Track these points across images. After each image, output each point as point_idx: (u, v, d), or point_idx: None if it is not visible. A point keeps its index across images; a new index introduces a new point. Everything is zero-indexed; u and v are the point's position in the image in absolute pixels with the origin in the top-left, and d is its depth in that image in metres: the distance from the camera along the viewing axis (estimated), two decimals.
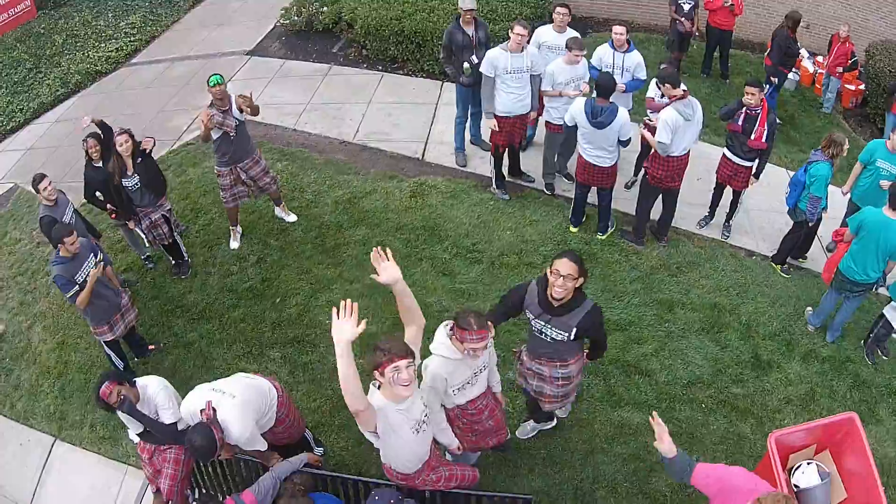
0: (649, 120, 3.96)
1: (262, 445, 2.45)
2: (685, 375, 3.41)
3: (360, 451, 3.20)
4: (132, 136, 3.69)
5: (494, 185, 4.44)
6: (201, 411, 2.34)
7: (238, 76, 6.34)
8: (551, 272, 2.35)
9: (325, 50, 6.32)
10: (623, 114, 3.54)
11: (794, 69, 5.52)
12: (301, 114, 5.47)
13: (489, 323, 2.26)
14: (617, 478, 3.05)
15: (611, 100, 3.57)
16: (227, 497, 2.36)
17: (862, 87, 5.55)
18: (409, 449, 2.19)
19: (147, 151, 3.78)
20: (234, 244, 4.23)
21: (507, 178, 4.50)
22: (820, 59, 5.77)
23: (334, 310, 1.87)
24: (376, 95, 5.58)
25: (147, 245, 4.21)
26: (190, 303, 4.04)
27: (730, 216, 4.27)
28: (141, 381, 2.66)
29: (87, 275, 3.28)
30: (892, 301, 3.45)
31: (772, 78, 5.18)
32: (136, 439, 3.59)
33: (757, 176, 3.97)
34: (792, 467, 2.88)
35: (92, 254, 3.32)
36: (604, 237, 4.14)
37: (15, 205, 5.70)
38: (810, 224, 3.75)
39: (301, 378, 3.55)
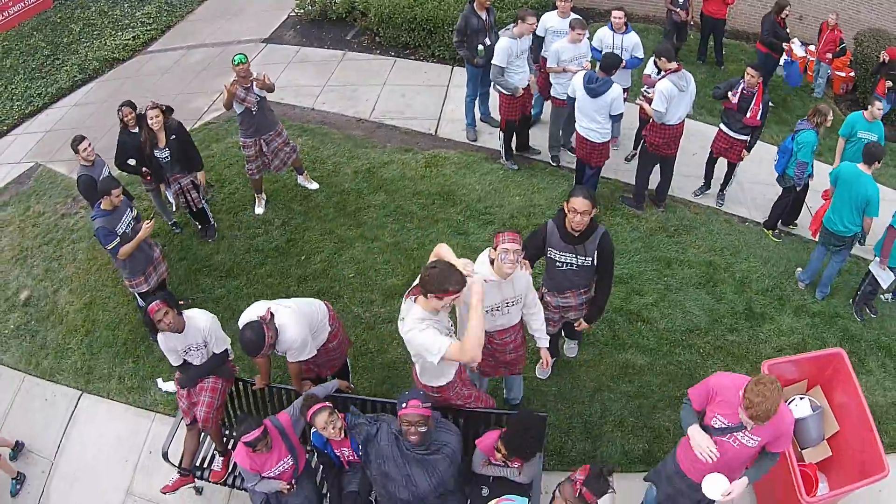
0: (646, 93, 4.40)
1: (310, 354, 2.80)
2: (683, 324, 3.80)
3: (382, 390, 3.56)
4: (164, 111, 4.05)
5: (504, 158, 4.87)
6: (260, 317, 2.67)
7: (255, 62, 6.77)
8: (568, 209, 2.73)
9: (339, 37, 6.78)
10: (617, 89, 3.94)
11: (785, 56, 6.01)
12: (318, 95, 5.90)
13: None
14: (623, 413, 3.41)
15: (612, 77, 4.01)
16: (265, 419, 2.70)
17: (852, 73, 6.04)
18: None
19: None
20: (259, 210, 4.62)
21: (514, 152, 4.94)
22: (812, 48, 6.28)
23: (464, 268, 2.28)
24: (390, 78, 6.04)
25: (175, 210, 4.57)
26: (217, 262, 4.41)
27: (724, 186, 4.69)
28: (188, 313, 2.99)
29: (127, 226, 3.64)
30: (877, 257, 3.87)
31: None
32: (165, 387, 3.94)
33: (749, 149, 4.37)
34: (785, 400, 3.25)
35: (129, 209, 3.70)
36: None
37: (37, 182, 6.07)
38: (798, 188, 4.18)
39: None
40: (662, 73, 4.02)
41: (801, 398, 3.26)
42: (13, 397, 4.12)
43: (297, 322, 2.69)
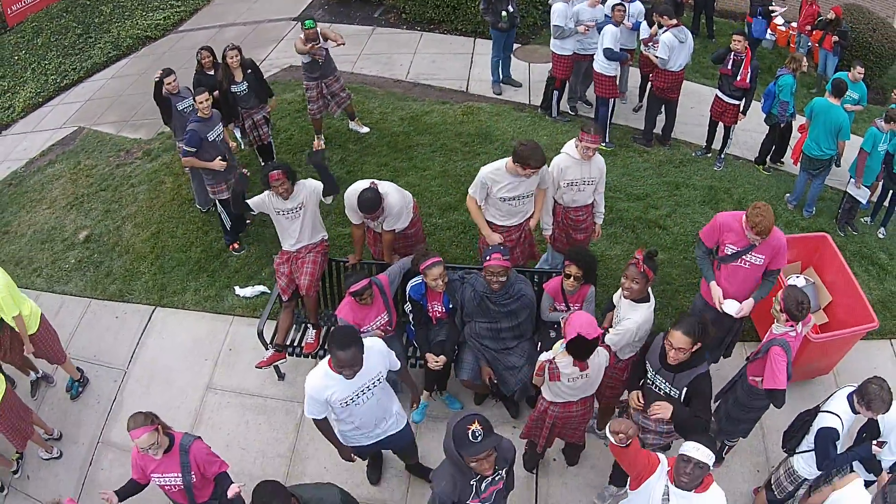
0: (646, 51, 5.63)
1: (404, 224, 3.76)
2: (693, 230, 4.91)
3: None
4: (241, 52, 5.02)
5: (553, 112, 6.01)
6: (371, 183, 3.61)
7: (288, 38, 7.91)
8: (666, 340, 2.70)
9: (367, 15, 7.99)
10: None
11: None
12: (355, 61, 7.04)
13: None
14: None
15: (620, 38, 5.36)
16: (365, 279, 3.50)
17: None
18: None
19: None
20: (322, 147, 5.64)
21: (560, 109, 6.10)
22: (794, 24, 7.72)
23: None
24: (419, 48, 7.24)
25: (243, 147, 5.49)
26: None
27: (722, 149, 5.77)
28: (303, 182, 3.78)
29: (217, 136, 4.46)
30: (852, 179, 5.05)
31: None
32: (242, 293, 4.78)
33: (744, 112, 5.44)
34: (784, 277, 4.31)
35: (220, 124, 4.55)
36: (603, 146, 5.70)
37: (83, 141, 6.99)
38: (782, 125, 5.41)
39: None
40: (665, 28, 5.28)
41: (797, 276, 4.37)
42: (78, 321, 4.84)
43: (397, 191, 3.69)
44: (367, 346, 2.77)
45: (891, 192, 5.15)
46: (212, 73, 5.16)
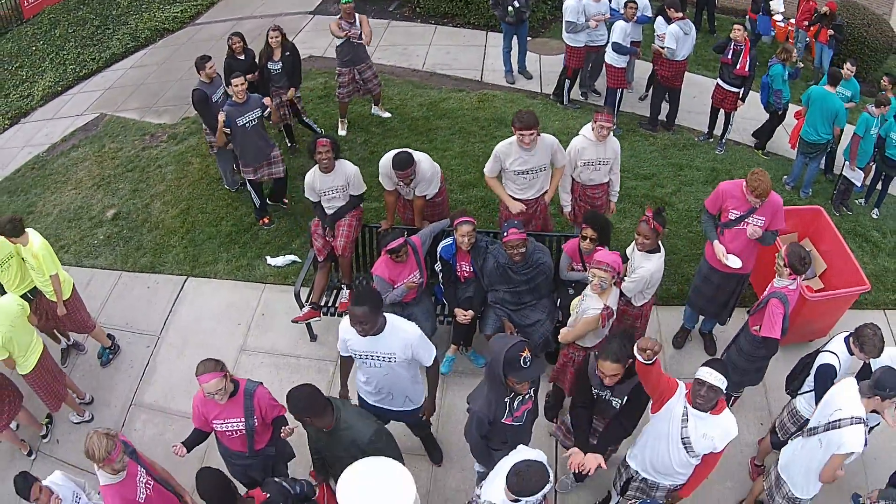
0: (659, 46, 6.11)
1: (434, 191, 4.18)
2: (696, 206, 5.36)
3: None
4: (283, 33, 5.49)
5: (564, 100, 6.52)
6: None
7: (305, 30, 8.38)
8: (598, 371, 2.89)
9: (382, 10, 8.47)
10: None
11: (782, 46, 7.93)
12: (373, 53, 7.46)
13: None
14: None
15: (629, 32, 5.86)
16: (400, 237, 3.92)
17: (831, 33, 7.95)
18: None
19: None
20: (343, 132, 6.07)
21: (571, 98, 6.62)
22: (792, 20, 8.28)
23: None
24: (434, 40, 7.73)
25: (270, 123, 5.80)
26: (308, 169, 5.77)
27: (723, 135, 6.28)
28: (340, 160, 4.15)
29: (248, 121, 4.79)
30: (846, 162, 5.53)
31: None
32: (274, 262, 5.16)
33: (743, 99, 5.94)
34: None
35: (259, 108, 4.89)
36: None
37: (106, 127, 7.39)
38: (780, 112, 5.89)
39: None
40: (670, 20, 5.77)
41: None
42: (109, 291, 5.17)
43: (428, 160, 4.15)
44: (396, 327, 2.91)
45: (883, 174, 5.63)
46: (242, 57, 5.59)
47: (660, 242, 3.55)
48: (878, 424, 3.43)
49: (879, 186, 5.73)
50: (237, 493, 2.67)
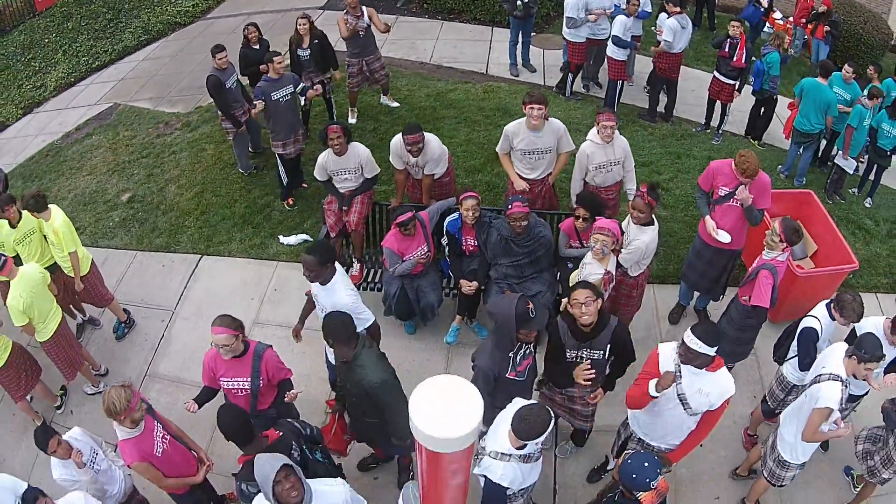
0: (659, 39, 6.49)
1: (441, 170, 4.51)
2: (692, 192, 5.67)
3: None
4: (311, 21, 5.84)
5: (566, 93, 6.88)
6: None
7: (317, 23, 8.60)
8: (572, 305, 3.04)
9: (390, 5, 8.86)
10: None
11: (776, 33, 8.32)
12: (381, 46, 7.81)
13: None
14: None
15: (629, 27, 6.21)
16: (409, 211, 4.22)
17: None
18: None
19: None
20: (353, 120, 6.41)
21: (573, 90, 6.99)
22: (790, 18, 8.66)
23: None
24: (441, 35, 8.11)
25: (302, 104, 6.04)
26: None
27: (720, 125, 6.66)
28: (352, 143, 4.47)
29: (283, 96, 5.13)
30: (840, 151, 5.86)
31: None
32: (287, 241, 5.45)
33: (739, 90, 6.35)
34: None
35: (291, 84, 5.24)
36: None
37: (120, 116, 7.75)
38: (775, 98, 6.22)
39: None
40: (669, 14, 6.13)
41: None
42: (125, 269, 5.48)
43: (436, 140, 4.49)
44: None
45: (875, 164, 5.95)
46: (257, 47, 5.95)
47: (653, 216, 3.86)
48: (867, 393, 3.70)
49: (872, 177, 6.05)
50: (254, 429, 2.91)
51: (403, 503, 2.40)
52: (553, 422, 2.70)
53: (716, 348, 2.84)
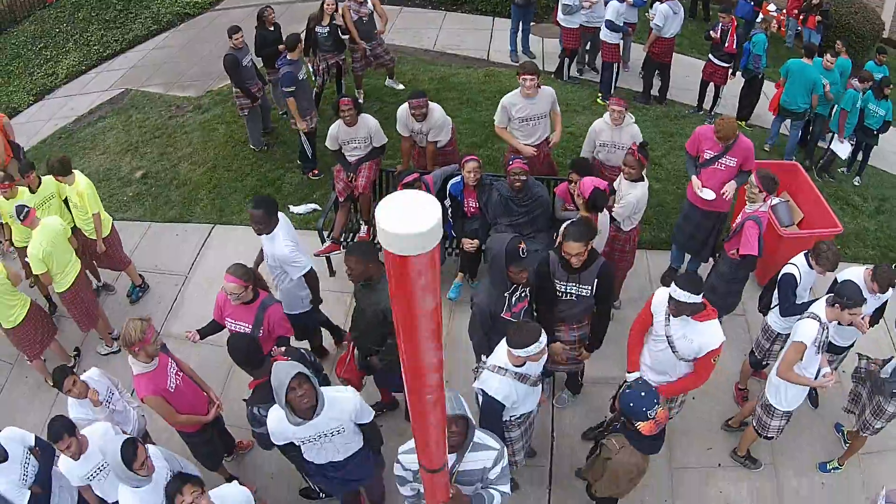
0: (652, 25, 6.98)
1: (445, 139, 4.91)
2: (683, 167, 6.05)
3: None
4: (337, 2, 6.29)
5: (563, 76, 7.37)
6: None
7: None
8: (564, 252, 3.35)
9: None
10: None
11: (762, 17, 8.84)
12: (386, 33, 8.30)
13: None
14: (648, 214, 5.40)
15: (623, 13, 6.67)
16: (415, 173, 4.63)
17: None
18: None
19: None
20: (360, 101, 6.81)
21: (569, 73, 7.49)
22: (784, 10, 9.16)
23: None
24: (444, 24, 8.60)
25: (315, 80, 6.58)
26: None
27: (712, 107, 7.12)
28: (362, 115, 4.91)
29: (303, 75, 5.58)
30: (835, 135, 6.26)
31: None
32: (297, 210, 5.84)
33: (734, 73, 6.81)
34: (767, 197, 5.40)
35: (303, 66, 5.74)
36: (603, 103, 6.99)
37: (132, 100, 8.19)
38: (760, 76, 6.65)
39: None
40: (662, 1, 6.60)
41: (774, 198, 5.51)
42: (140, 239, 5.87)
43: (440, 109, 4.92)
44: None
45: (864, 143, 6.36)
46: (272, 29, 6.39)
47: (643, 174, 4.25)
48: (852, 345, 4.01)
49: (860, 157, 6.46)
50: (263, 352, 3.20)
51: None
52: (546, 338, 2.97)
53: (701, 294, 3.13)
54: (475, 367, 3.40)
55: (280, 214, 3.86)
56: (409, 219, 1.03)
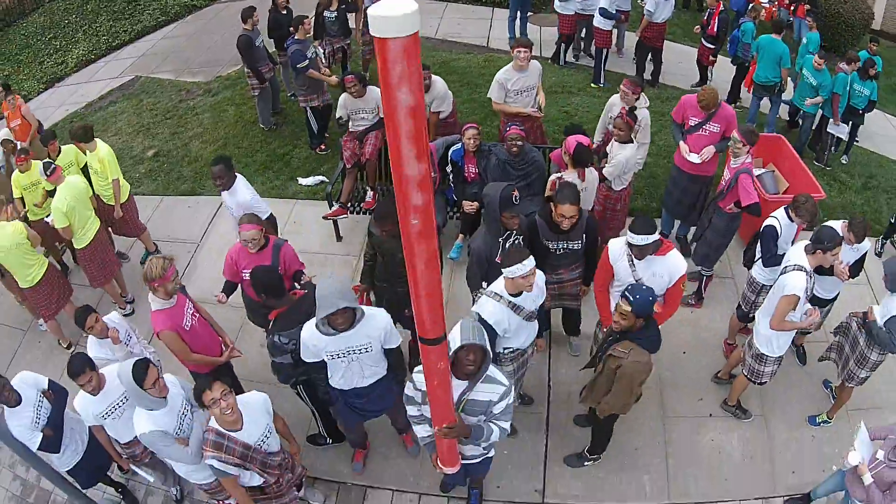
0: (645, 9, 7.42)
1: (447, 110, 5.31)
2: (672, 142, 6.41)
3: None
4: None
5: (560, 61, 7.84)
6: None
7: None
8: (558, 214, 3.63)
9: None
10: None
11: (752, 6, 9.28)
12: None
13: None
14: (639, 185, 5.94)
15: (616, 1, 7.15)
16: None
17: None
18: None
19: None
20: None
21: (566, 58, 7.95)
22: (776, 1, 9.63)
23: None
24: (445, 14, 9.07)
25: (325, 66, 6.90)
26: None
27: (698, 84, 7.54)
28: (374, 88, 5.34)
29: (312, 54, 5.96)
30: (831, 120, 6.61)
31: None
32: (305, 182, 6.18)
33: (715, 56, 7.29)
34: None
35: (311, 46, 6.14)
36: (596, 87, 7.51)
37: (143, 86, 8.60)
38: (747, 65, 7.09)
39: None
40: None
41: (760, 168, 5.90)
42: (152, 212, 6.22)
43: (442, 81, 5.35)
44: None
45: (850, 122, 6.73)
46: (284, 12, 6.80)
47: (632, 136, 4.61)
48: (836, 298, 4.24)
49: (846, 137, 6.83)
50: (284, 284, 3.47)
51: (461, 331, 2.62)
52: (533, 261, 3.18)
53: (656, 233, 3.39)
54: (475, 294, 3.71)
55: (237, 173, 4.36)
56: (391, 7, 1.42)
